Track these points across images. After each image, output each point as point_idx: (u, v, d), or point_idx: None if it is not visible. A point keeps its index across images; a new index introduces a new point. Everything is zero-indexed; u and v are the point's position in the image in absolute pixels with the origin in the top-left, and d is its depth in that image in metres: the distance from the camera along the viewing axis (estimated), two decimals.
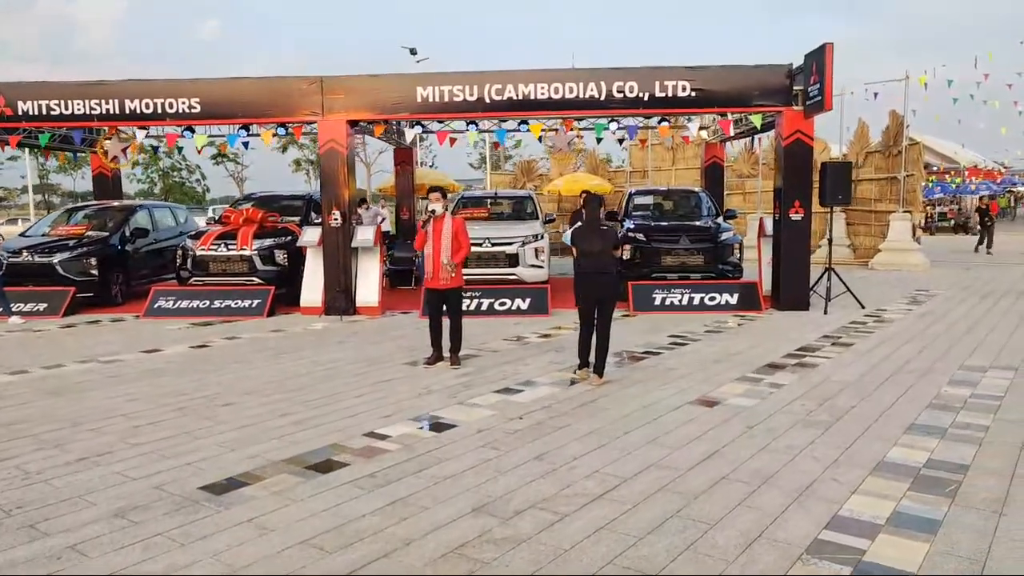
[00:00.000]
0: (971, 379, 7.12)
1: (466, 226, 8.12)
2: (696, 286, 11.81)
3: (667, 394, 6.72)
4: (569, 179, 22.47)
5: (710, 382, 7.13)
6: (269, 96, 11.70)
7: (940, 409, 6.11)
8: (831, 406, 6.24)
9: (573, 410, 6.26)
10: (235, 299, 11.99)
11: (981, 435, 5.42)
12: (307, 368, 8.04)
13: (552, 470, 4.84)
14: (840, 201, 11.55)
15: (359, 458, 5.11)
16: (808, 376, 7.35)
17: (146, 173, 57.58)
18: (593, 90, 11.37)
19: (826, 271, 11.84)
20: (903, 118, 18.35)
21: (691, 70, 11.29)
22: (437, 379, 7.42)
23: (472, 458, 5.08)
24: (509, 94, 11.44)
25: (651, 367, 7.89)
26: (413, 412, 6.24)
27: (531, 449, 5.25)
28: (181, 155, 53.60)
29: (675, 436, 5.50)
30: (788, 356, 8.30)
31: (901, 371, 7.49)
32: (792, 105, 11.29)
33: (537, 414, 6.15)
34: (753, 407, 6.26)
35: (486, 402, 6.55)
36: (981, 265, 18.92)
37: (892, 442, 5.29)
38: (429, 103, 11.54)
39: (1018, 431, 5.49)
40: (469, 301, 11.70)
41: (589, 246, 7.10)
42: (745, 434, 5.53)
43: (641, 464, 4.92)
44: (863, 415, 5.96)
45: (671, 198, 14.45)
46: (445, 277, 7.83)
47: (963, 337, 9.25)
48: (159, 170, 57.67)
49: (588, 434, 5.58)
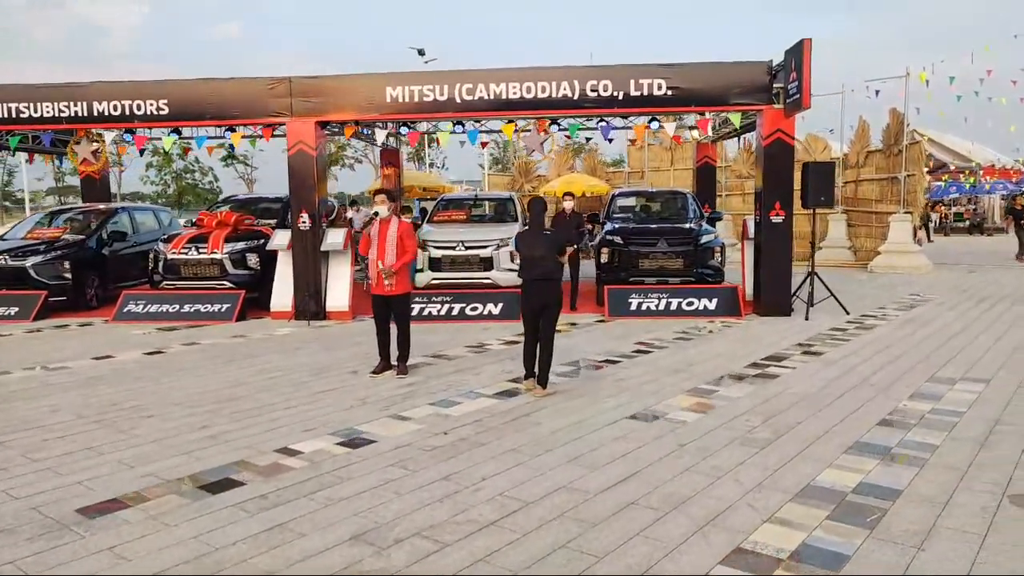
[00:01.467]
0: (936, 392, 6.74)
1: (413, 230, 7.85)
2: (674, 291, 11.46)
3: (608, 407, 6.41)
4: (566, 180, 22.15)
5: (659, 394, 6.81)
6: (237, 97, 11.51)
7: (891, 426, 5.75)
8: (776, 422, 5.90)
9: (503, 425, 5.96)
10: (205, 303, 11.80)
11: (926, 456, 5.07)
12: (251, 377, 7.80)
13: (454, 492, 4.55)
14: (823, 203, 11.15)
15: (259, 477, 4.85)
16: (765, 388, 7.00)
17: (160, 175, 57.88)
18: (566, 89, 11.06)
19: (809, 275, 11.44)
20: (903, 116, 17.85)
21: (667, 68, 10.95)
22: (377, 390, 7.16)
23: (375, 478, 4.80)
24: (480, 94, 11.16)
25: (604, 377, 7.58)
26: (337, 426, 5.98)
27: (442, 468, 4.96)
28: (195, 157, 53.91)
29: (598, 455, 5.19)
30: (752, 366, 7.95)
31: (864, 383, 7.12)
32: (773, 103, 10.92)
33: (465, 429, 5.86)
34: (694, 423, 5.93)
35: (418, 415, 6.27)
36: (987, 268, 18.37)
37: (827, 463, 4.94)
38: (399, 103, 11.29)
39: (966, 452, 5.13)
40: (440, 305, 11.46)
41: (531, 251, 6.81)
42: (674, 453, 5.21)
43: (550, 486, 4.62)
44: (806, 432, 5.62)
45: (655, 199, 14.09)
46: (388, 283, 7.57)
47: (942, 346, 8.84)
48: (172, 172, 57.97)
49: (508, 452, 5.29)
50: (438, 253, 12.04)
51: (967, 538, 3.83)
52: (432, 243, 12.13)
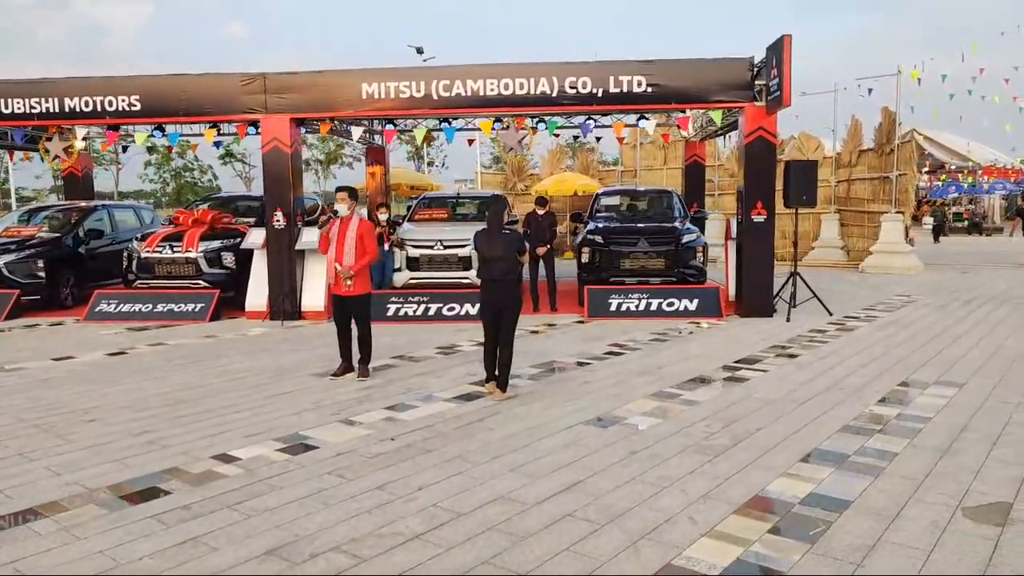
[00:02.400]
0: (906, 397, 6.54)
1: (374, 229, 7.66)
2: (654, 291, 11.25)
3: (566, 412, 6.21)
4: (558, 179, 21.97)
5: (621, 398, 6.61)
6: (210, 93, 11.33)
7: (854, 433, 5.55)
8: (736, 428, 5.70)
9: (454, 430, 5.77)
10: (178, 303, 11.63)
11: (884, 464, 4.86)
12: (210, 379, 7.62)
13: (386, 503, 4.36)
14: (805, 202, 10.94)
15: (187, 486, 4.67)
16: (731, 392, 6.80)
17: (159, 173, 57.73)
18: (544, 86, 10.86)
19: (791, 276, 11.23)
20: (895, 115, 17.61)
21: (646, 64, 10.75)
22: (333, 393, 6.97)
23: (307, 487, 4.62)
24: (457, 90, 10.97)
25: (569, 380, 7.38)
26: (283, 431, 5.79)
27: (379, 477, 4.78)
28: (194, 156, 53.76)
29: (545, 463, 5.00)
30: (723, 368, 7.74)
31: (834, 387, 6.91)
32: (755, 101, 10.71)
33: (414, 434, 5.67)
34: (651, 429, 5.74)
35: (369, 420, 6.08)
36: (981, 269, 18.13)
37: (779, 472, 4.75)
38: (375, 100, 11.10)
39: (926, 460, 4.92)
40: (416, 305, 11.27)
41: (489, 252, 6.62)
42: (623, 461, 5.01)
43: (487, 497, 4.43)
44: (765, 439, 5.42)
45: (639, 199, 13.89)
46: (347, 284, 7.38)
47: (920, 348, 8.63)
48: (171, 170, 57.80)
49: (453, 459, 5.10)
50: (416, 252, 11.87)
51: (911, 554, 3.63)
52: (410, 242, 11.96)
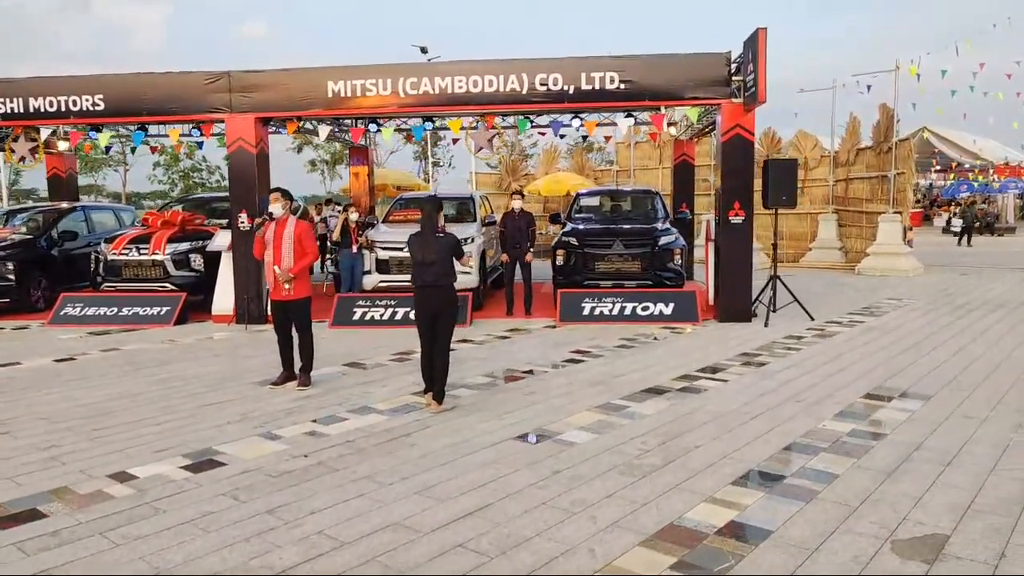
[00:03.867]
0: (866, 410, 6.15)
1: (312, 230, 7.35)
2: (629, 295, 10.89)
3: (500, 426, 5.88)
4: (551, 179, 21.59)
5: (563, 411, 6.27)
6: (175, 92, 11.07)
7: (798, 451, 5.18)
8: (673, 445, 5.35)
9: (375, 446, 5.46)
10: (144, 306, 11.38)
11: (820, 488, 4.50)
12: (147, 387, 7.35)
13: (270, 529, 4.05)
14: (784, 203, 10.53)
15: (68, 508, 4.38)
16: (681, 404, 6.44)
17: (167, 174, 57.84)
18: (514, 83, 10.54)
19: (771, 279, 10.84)
20: (893, 112, 17.12)
21: (619, 60, 10.40)
22: (266, 403, 6.68)
23: (196, 510, 4.31)
24: (425, 88, 10.66)
25: (516, 390, 7.06)
26: (197, 445, 5.50)
27: (274, 499, 4.46)
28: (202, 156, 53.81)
29: (456, 484, 4.67)
30: (681, 378, 7.38)
31: (792, 399, 6.54)
32: (733, 98, 10.32)
33: (332, 450, 5.36)
34: (583, 445, 5.40)
35: (291, 434, 5.78)
36: (984, 271, 17.60)
37: (704, 497, 4.39)
38: (341, 98, 10.82)
39: (866, 484, 4.55)
40: (384, 310, 10.97)
41: (423, 255, 6.31)
42: (541, 482, 4.68)
43: (381, 523, 4.11)
44: (700, 458, 5.06)
45: (619, 199, 13.52)
46: (287, 288, 7.08)
47: (896, 356, 8.22)
48: (180, 171, 57.87)
49: (360, 479, 4.78)
50: (385, 255, 11.56)
51: None
52: (380, 244, 11.66)
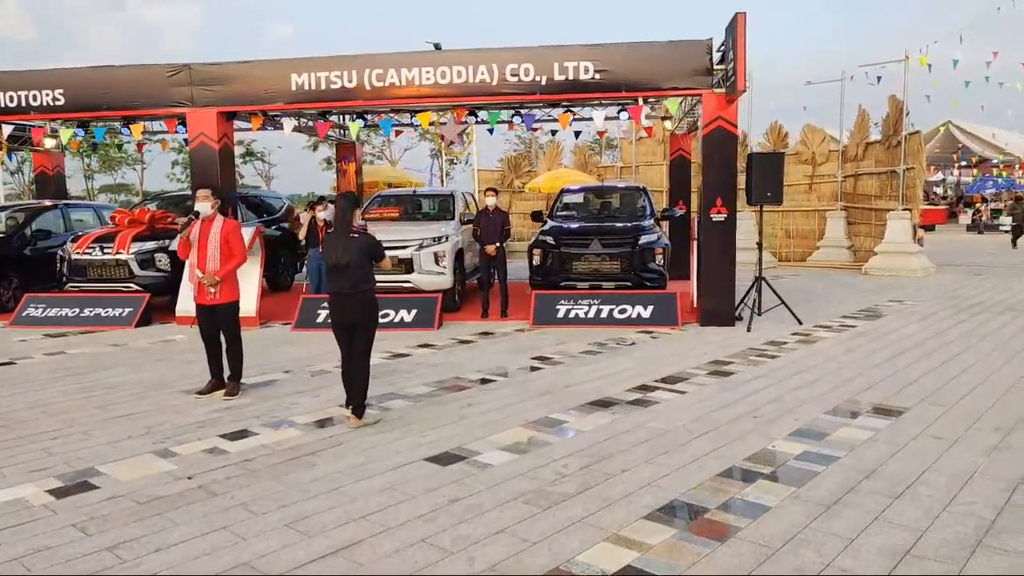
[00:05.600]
0: (826, 428, 5.55)
1: (241, 230, 6.89)
2: (607, 297, 10.31)
3: (417, 444, 5.36)
4: (551, 176, 21.05)
5: (494, 427, 5.74)
6: (135, 86, 10.71)
7: (734, 478, 4.61)
8: (597, 469, 4.80)
9: (271, 466, 4.97)
10: (106, 307, 11.03)
11: (742, 525, 3.93)
12: (68, 395, 6.94)
13: (103, 570, 3.57)
14: (770, 199, 9.90)
15: None
16: (625, 419, 5.88)
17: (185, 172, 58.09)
18: (484, 74, 10.02)
19: (756, 281, 10.21)
20: (903, 104, 16.33)
21: (593, 48, 9.84)
22: (181, 414, 6.22)
23: (31, 545, 3.85)
24: (392, 80, 10.20)
25: (454, 402, 6.53)
26: (79, 464, 5.06)
27: (124, 532, 3.99)
28: None
29: (336, 514, 4.16)
30: (637, 388, 6.82)
31: (750, 414, 5.95)
32: (714, 88, 9.71)
33: (222, 472, 4.88)
34: (497, 468, 4.87)
35: (189, 451, 5.31)
36: (1000, 271, 16.76)
37: (606, 534, 3.85)
38: (305, 91, 10.38)
39: (798, 519, 3.97)
40: None
41: (336, 258, 5.80)
42: (430, 513, 4.16)
43: (229, 563, 3.62)
44: (620, 485, 4.51)
45: (604, 196, 12.92)
46: (212, 292, 6.62)
47: (879, 365, 7.58)
48: None
49: (233, 507, 4.29)
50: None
51: None
52: None
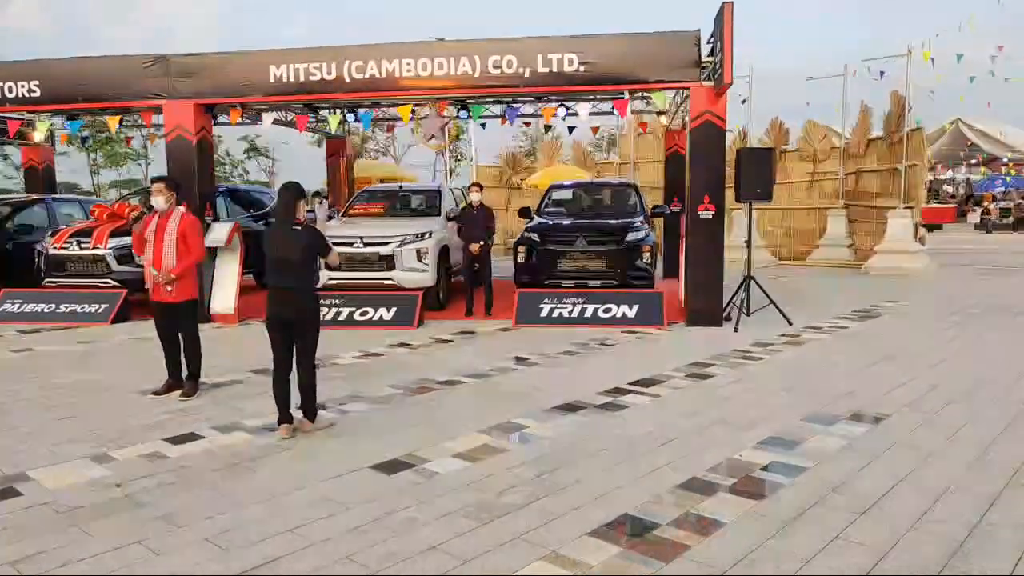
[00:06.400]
0: (800, 436, 5.26)
1: (199, 225, 6.64)
2: (591, 295, 10.04)
3: (366, 451, 5.11)
4: (549, 172, 20.78)
5: (449, 432, 5.48)
6: (111, 78, 10.49)
7: (693, 490, 4.33)
8: (550, 479, 4.53)
9: (208, 473, 4.72)
10: (83, 303, 10.83)
11: (691, 544, 3.65)
12: (18, 397, 6.71)
13: None
14: (759, 196, 9.60)
15: None
16: (591, 425, 5.62)
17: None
18: (466, 66, 9.75)
19: (744, 280, 9.91)
20: (905, 100, 15.96)
21: (578, 40, 9.55)
22: (132, 417, 5.99)
23: None
24: (372, 72, 9.94)
25: (417, 405, 6.29)
26: (10, 470, 4.83)
27: (31, 545, 3.75)
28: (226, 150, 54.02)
29: (263, 528, 3.92)
30: (610, 392, 6.54)
31: (721, 421, 5.67)
32: (702, 81, 9.41)
33: (155, 479, 4.64)
34: (446, 476, 4.61)
35: (128, 456, 5.08)
36: (1005, 271, 16.38)
37: (544, 553, 3.58)
38: (284, 83, 10.14)
39: (749, 540, 3.69)
40: (327, 309, 10.25)
41: (276, 252, 5.52)
42: (361, 527, 3.90)
43: None
44: (571, 497, 4.24)
45: (593, 192, 12.64)
46: (168, 289, 6.39)
47: (864, 370, 7.29)
48: None
49: (155, 519, 4.04)
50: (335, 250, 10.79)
51: None
52: (330, 239, 10.87)
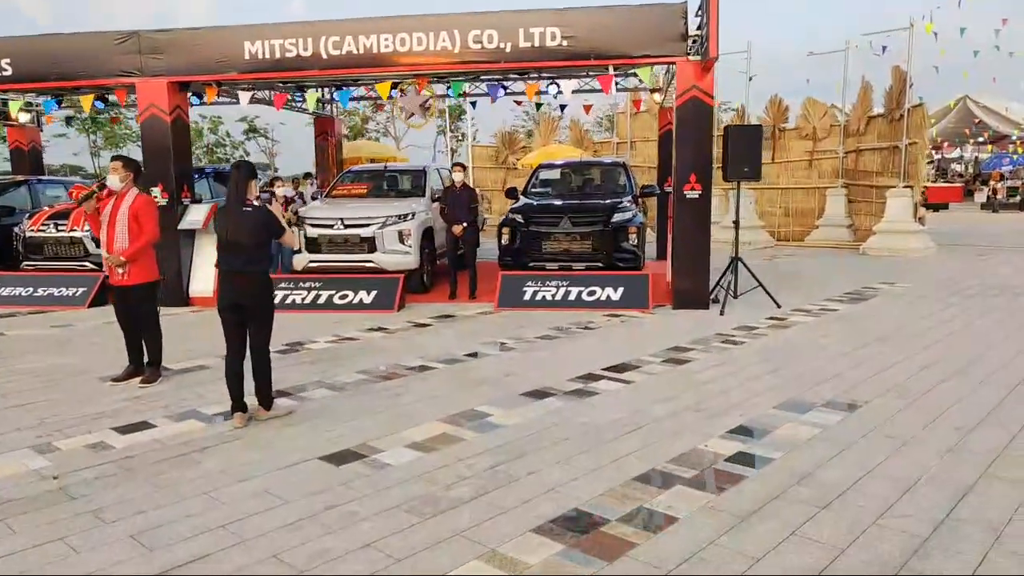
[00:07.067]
0: (771, 424, 5.04)
1: (154, 206, 6.42)
2: (575, 278, 9.81)
3: (319, 440, 4.92)
4: (544, 152, 20.46)
5: (410, 420, 5.28)
6: (83, 55, 10.23)
7: (651, 483, 4.13)
8: (504, 470, 4.33)
9: (152, 465, 4.53)
10: (59, 287, 10.66)
11: (640, 541, 3.45)
12: None
13: None
14: (747, 175, 9.31)
15: None
16: (558, 412, 5.41)
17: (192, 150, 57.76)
18: (446, 41, 9.47)
19: (732, 262, 9.66)
20: (907, 75, 15.58)
21: (561, 14, 9.25)
22: (84, 405, 5.82)
23: None
24: (349, 47, 9.68)
25: (381, 392, 6.08)
26: None
27: None
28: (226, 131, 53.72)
29: (194, 523, 3.73)
30: (582, 378, 6.33)
31: (693, 408, 5.45)
32: (689, 56, 9.11)
33: (95, 470, 4.46)
34: (397, 468, 4.41)
35: (72, 446, 4.90)
36: (1006, 250, 16.06)
37: (484, 550, 3.39)
38: (259, 60, 9.88)
39: (703, 534, 3.48)
40: (306, 293, 10.06)
41: (228, 234, 5.27)
42: (296, 523, 3.71)
43: None
44: (522, 490, 4.04)
45: (581, 172, 12.36)
46: (121, 272, 6.18)
47: (848, 353, 7.05)
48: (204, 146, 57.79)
49: (82, 515, 3.87)
50: (315, 232, 10.60)
51: None
52: (310, 221, 10.70)
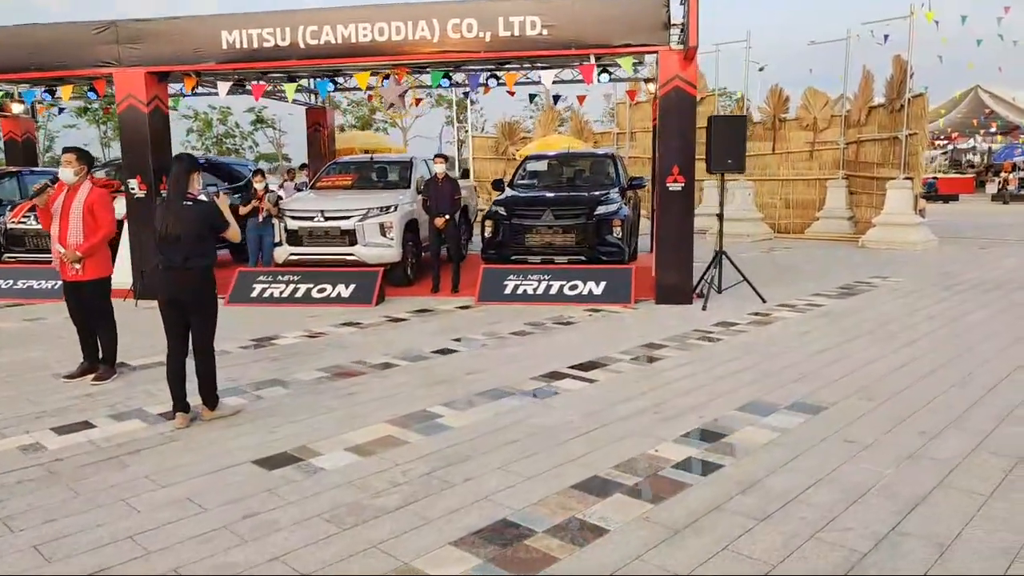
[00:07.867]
0: (729, 427, 4.85)
1: (110, 198, 6.28)
2: (557, 272, 9.61)
3: (262, 441, 4.77)
4: (543, 143, 20.23)
5: (357, 421, 5.12)
6: (61, 45, 10.11)
7: (589, 491, 3.95)
8: (440, 476, 4.16)
9: (79, 468, 4.40)
10: (39, 279, 10.59)
11: (562, 556, 3.28)
12: None
13: None
14: (731, 166, 9.08)
15: None
16: (511, 413, 5.24)
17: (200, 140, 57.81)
18: (424, 30, 9.28)
19: (716, 256, 9.44)
20: (908, 64, 15.23)
21: (541, 2, 9.04)
22: (31, 403, 5.69)
23: None
24: (327, 37, 9.50)
25: (334, 391, 5.92)
26: None
27: None
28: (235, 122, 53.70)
29: (100, 534, 3.58)
30: (545, 376, 6.15)
31: (652, 409, 5.26)
32: (671, 45, 8.87)
33: (21, 473, 4.33)
34: (330, 473, 4.26)
35: (6, 447, 4.78)
36: (1009, 243, 15.73)
37: (397, 564, 3.22)
38: (236, 50, 9.72)
39: (628, 549, 3.31)
40: (284, 286, 9.92)
41: (167, 228, 5.12)
42: (208, 533, 3.56)
43: None
44: (452, 499, 3.87)
45: (569, 163, 12.14)
46: (75, 269, 6.05)
47: (824, 352, 6.83)
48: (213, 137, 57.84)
49: None
50: (295, 224, 10.45)
51: None
52: (290, 213, 10.56)
